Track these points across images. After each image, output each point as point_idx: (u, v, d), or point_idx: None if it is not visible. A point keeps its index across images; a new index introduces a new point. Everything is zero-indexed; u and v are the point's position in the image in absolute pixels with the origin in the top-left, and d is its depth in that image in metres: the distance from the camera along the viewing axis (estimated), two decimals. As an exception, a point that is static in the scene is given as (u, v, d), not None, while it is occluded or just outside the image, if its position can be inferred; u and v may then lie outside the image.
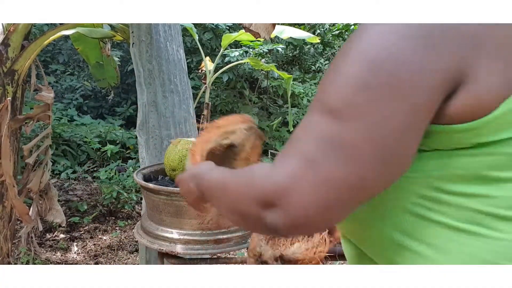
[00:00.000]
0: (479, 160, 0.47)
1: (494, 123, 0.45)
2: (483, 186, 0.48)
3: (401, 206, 0.50)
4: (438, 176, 0.48)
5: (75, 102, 6.07)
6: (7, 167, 1.86)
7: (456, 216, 0.48)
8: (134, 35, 2.03)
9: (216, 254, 1.17)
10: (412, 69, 0.43)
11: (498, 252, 0.47)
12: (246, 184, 0.51)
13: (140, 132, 2.05)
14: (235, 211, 0.54)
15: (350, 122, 0.44)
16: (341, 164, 0.44)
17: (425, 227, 0.50)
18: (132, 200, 3.68)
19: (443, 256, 0.49)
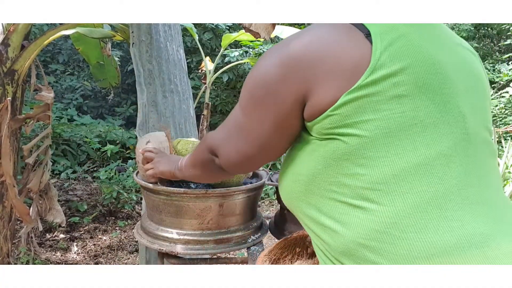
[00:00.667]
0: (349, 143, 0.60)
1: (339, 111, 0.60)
2: (359, 166, 0.60)
3: (321, 192, 0.65)
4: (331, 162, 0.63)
5: (75, 102, 6.07)
6: (7, 167, 1.86)
7: (350, 194, 0.61)
8: (134, 35, 2.03)
9: (216, 254, 1.17)
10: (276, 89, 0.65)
11: (383, 222, 0.58)
12: (204, 141, 0.84)
13: (140, 132, 2.05)
14: (200, 160, 0.87)
15: (244, 117, 0.71)
16: (240, 141, 0.73)
17: (335, 207, 0.63)
18: (132, 200, 3.68)
19: (345, 229, 0.61)
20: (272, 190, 4.31)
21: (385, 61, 0.59)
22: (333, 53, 0.61)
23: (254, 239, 1.20)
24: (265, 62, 0.67)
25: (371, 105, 0.59)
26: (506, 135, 5.52)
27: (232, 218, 1.17)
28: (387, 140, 0.59)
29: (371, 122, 0.59)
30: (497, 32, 8.30)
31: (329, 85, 0.61)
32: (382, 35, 0.61)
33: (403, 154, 0.59)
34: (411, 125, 0.59)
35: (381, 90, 0.59)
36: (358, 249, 0.60)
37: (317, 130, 0.64)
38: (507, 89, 6.48)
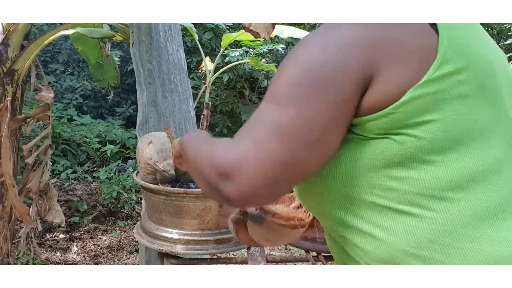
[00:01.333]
0: (405, 145, 0.54)
1: (403, 109, 0.53)
2: (413, 170, 0.54)
3: (353, 195, 0.58)
4: (378, 164, 0.56)
5: (75, 102, 6.07)
6: (7, 167, 1.86)
7: (397, 200, 0.55)
8: (134, 35, 2.03)
9: (216, 254, 1.17)
10: (330, 73, 0.54)
11: (436, 230, 0.54)
12: (209, 156, 0.59)
13: (140, 132, 2.05)
14: (200, 178, 0.63)
15: (288, 111, 0.54)
16: (278, 145, 0.53)
17: (377, 212, 0.57)
18: (132, 200, 3.68)
19: (392, 236, 0.56)
20: (272, 190, 4.30)
21: (451, 56, 0.54)
22: (401, 34, 0.55)
23: (254, 239, 1.20)
24: (315, 43, 0.57)
25: (436, 104, 0.53)
26: None
27: (232, 218, 1.17)
28: (446, 143, 0.54)
29: (433, 123, 0.53)
30: (498, 32, 8.30)
31: (396, 72, 0.54)
32: (447, 27, 0.56)
33: (460, 160, 0.54)
34: (471, 129, 0.55)
35: (447, 88, 0.53)
36: (404, 258, 0.55)
37: (366, 128, 0.56)
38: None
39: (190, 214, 1.12)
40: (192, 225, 1.13)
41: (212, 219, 1.14)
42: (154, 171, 1.19)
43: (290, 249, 3.11)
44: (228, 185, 0.55)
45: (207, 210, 1.12)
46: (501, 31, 8.14)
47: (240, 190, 0.54)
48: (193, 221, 1.13)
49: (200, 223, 1.13)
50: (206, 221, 1.13)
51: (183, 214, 1.13)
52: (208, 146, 0.63)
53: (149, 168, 1.19)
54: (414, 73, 0.53)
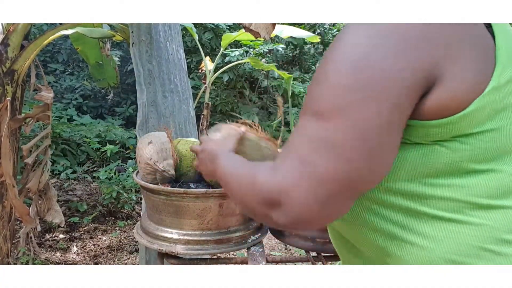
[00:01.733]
0: (457, 153, 0.52)
1: (468, 119, 0.50)
2: (462, 178, 0.53)
3: (392, 201, 0.55)
4: (422, 170, 0.53)
5: (75, 102, 6.07)
6: (6, 167, 1.86)
7: (441, 207, 0.53)
8: (134, 35, 2.03)
9: (216, 254, 1.17)
10: (389, 72, 0.48)
11: (479, 237, 0.52)
12: (251, 183, 0.55)
13: (140, 132, 2.05)
14: (244, 205, 0.59)
15: (338, 123, 0.48)
16: (332, 162, 0.48)
17: (415, 219, 0.54)
18: (132, 200, 3.68)
19: (434, 244, 0.54)
20: (272, 190, 4.29)
21: (506, 62, 0.51)
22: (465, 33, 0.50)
23: (254, 239, 1.20)
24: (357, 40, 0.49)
25: (494, 113, 0.51)
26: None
27: (232, 218, 1.17)
28: (497, 153, 0.53)
29: (489, 133, 0.51)
30: (497, 32, 8.29)
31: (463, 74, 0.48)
32: (499, 30, 0.53)
33: (507, 168, 0.54)
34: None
35: (504, 97, 0.51)
36: (444, 263, 0.54)
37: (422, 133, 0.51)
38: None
39: (190, 214, 1.12)
40: (192, 225, 1.13)
41: (212, 219, 1.14)
42: (154, 171, 1.19)
43: (290, 249, 3.11)
44: (279, 213, 0.51)
45: (207, 210, 1.12)
46: (501, 31, 8.13)
47: (292, 217, 0.50)
48: (193, 221, 1.13)
49: (200, 223, 1.13)
50: (206, 221, 1.13)
51: (183, 214, 1.13)
52: (249, 170, 0.59)
53: (149, 168, 1.19)
54: (479, 77, 0.49)
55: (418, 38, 0.48)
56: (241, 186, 0.59)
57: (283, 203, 0.50)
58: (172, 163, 1.21)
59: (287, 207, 0.49)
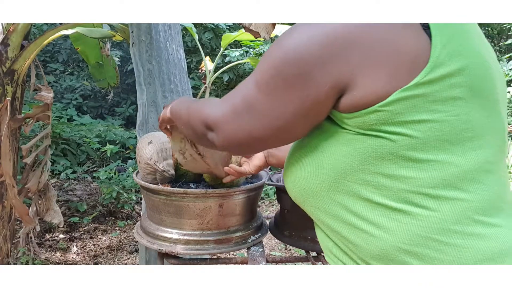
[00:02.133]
0: (396, 142, 0.56)
1: (389, 107, 0.55)
2: (408, 168, 0.57)
3: (352, 191, 0.61)
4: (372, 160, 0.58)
5: (75, 102, 6.07)
6: (6, 167, 1.86)
7: (393, 197, 0.58)
8: (134, 35, 2.03)
9: (216, 254, 1.17)
10: (311, 70, 0.57)
11: (427, 227, 0.56)
12: (199, 110, 0.74)
13: (140, 132, 2.05)
14: (189, 127, 0.79)
15: (263, 96, 0.62)
16: (251, 121, 0.64)
17: (371, 209, 0.59)
18: (132, 200, 3.68)
19: (386, 233, 0.58)
20: (272, 190, 4.31)
21: (445, 59, 0.55)
22: (389, 40, 0.56)
23: (254, 239, 1.20)
24: (300, 36, 0.59)
25: (426, 105, 0.55)
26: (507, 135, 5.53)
27: (232, 218, 1.17)
28: (439, 143, 0.56)
29: (424, 123, 0.55)
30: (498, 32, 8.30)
31: (380, 75, 0.55)
32: (441, 29, 0.57)
33: (453, 159, 0.57)
34: (463, 129, 0.57)
35: (438, 90, 0.55)
36: (398, 254, 0.58)
37: (355, 124, 0.59)
38: (508, 89, 6.49)
39: (190, 214, 1.12)
40: (192, 225, 1.13)
41: (212, 219, 1.14)
42: (154, 171, 1.19)
43: (290, 249, 3.11)
44: (212, 134, 0.70)
45: (207, 210, 1.12)
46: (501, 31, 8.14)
47: (220, 141, 0.69)
48: (193, 221, 1.13)
49: (200, 223, 1.13)
50: (206, 221, 1.13)
51: (183, 214, 1.13)
52: (200, 104, 0.77)
53: (149, 168, 1.19)
54: (402, 77, 0.55)
55: (341, 42, 0.56)
56: (193, 114, 0.78)
57: (215, 129, 0.69)
58: (172, 163, 1.21)
59: (217, 133, 0.69)
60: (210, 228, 1.14)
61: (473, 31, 0.62)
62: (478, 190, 0.57)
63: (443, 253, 0.55)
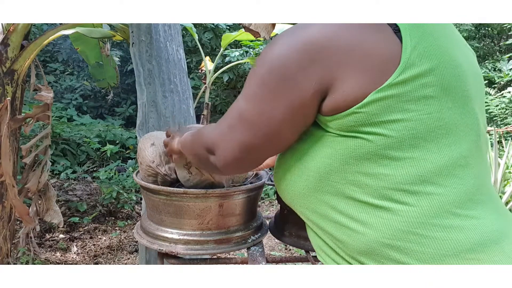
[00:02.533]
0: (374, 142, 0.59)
1: (366, 109, 0.58)
2: (386, 166, 0.59)
3: (336, 191, 0.64)
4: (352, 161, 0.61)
5: (75, 102, 6.07)
6: (6, 167, 1.86)
7: (373, 194, 0.60)
8: (134, 35, 2.03)
9: (216, 254, 1.17)
10: (293, 76, 0.61)
11: (409, 222, 0.58)
12: (200, 136, 0.80)
13: (140, 132, 2.05)
14: (195, 154, 0.84)
15: (252, 105, 0.65)
16: (244, 132, 0.67)
17: (355, 206, 0.62)
18: (132, 200, 3.68)
19: (370, 229, 0.60)
20: (272, 190, 4.31)
21: (415, 60, 0.58)
22: (363, 44, 0.59)
23: (254, 239, 1.20)
24: (280, 46, 0.62)
25: (399, 105, 0.58)
26: (507, 135, 5.53)
27: (232, 218, 1.17)
28: (414, 141, 0.59)
29: (398, 122, 0.58)
30: (498, 32, 8.30)
31: (356, 79, 0.58)
32: (411, 32, 0.59)
33: (428, 156, 0.59)
34: (437, 126, 0.59)
35: (410, 90, 0.58)
36: (382, 249, 0.60)
37: (336, 126, 0.62)
38: (508, 89, 6.48)
39: (190, 214, 1.12)
40: (192, 225, 1.13)
41: (212, 219, 1.14)
42: (156, 174, 1.19)
43: (290, 249, 3.11)
44: (213, 158, 0.73)
45: (207, 210, 1.12)
46: (501, 31, 8.14)
47: (220, 162, 0.72)
48: (193, 221, 1.13)
49: (200, 223, 1.13)
50: (206, 221, 1.13)
51: (183, 214, 1.13)
52: (201, 130, 0.82)
53: (151, 170, 1.19)
54: (375, 79, 0.58)
55: (317, 56, 0.59)
56: (194, 141, 0.84)
57: (215, 150, 0.72)
58: (174, 166, 1.20)
59: (217, 153, 0.71)
60: (210, 228, 1.14)
61: (444, 31, 0.64)
62: (454, 184, 0.59)
63: (424, 245, 0.57)
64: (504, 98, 6.42)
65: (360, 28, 0.59)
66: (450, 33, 0.66)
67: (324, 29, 0.59)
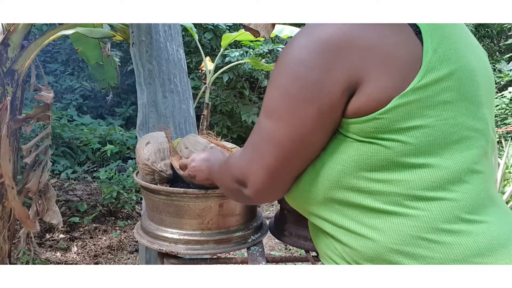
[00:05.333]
0: (391, 149, 0.57)
1: (389, 114, 0.56)
2: (400, 172, 0.58)
3: (344, 199, 0.62)
4: (366, 167, 0.59)
5: (75, 102, 6.07)
6: (6, 167, 1.85)
7: (385, 200, 0.59)
8: (134, 35, 2.03)
9: (216, 254, 1.17)
10: (319, 79, 0.57)
11: (417, 227, 0.58)
12: (228, 169, 0.74)
13: (140, 132, 2.05)
14: (226, 188, 0.78)
15: (278, 122, 0.61)
16: (274, 152, 0.62)
17: (364, 212, 0.61)
18: (132, 200, 3.68)
19: (381, 235, 0.59)
20: (272, 190, 4.29)
21: (435, 64, 0.57)
22: (385, 44, 0.56)
23: (254, 239, 1.20)
24: (300, 50, 0.58)
25: (419, 110, 0.56)
26: (507, 135, 5.53)
27: (232, 218, 1.17)
28: (430, 148, 0.58)
29: (417, 128, 0.57)
30: (498, 32, 8.30)
31: (380, 80, 0.56)
32: (432, 34, 0.58)
33: (442, 162, 0.58)
34: (451, 133, 0.59)
35: (430, 95, 0.56)
36: (390, 254, 0.59)
37: (354, 130, 0.59)
38: (509, 89, 6.49)
39: (190, 214, 1.12)
40: (192, 225, 1.13)
41: (212, 219, 1.14)
42: (152, 171, 1.19)
43: (290, 249, 3.11)
44: (245, 189, 0.68)
45: (207, 210, 1.12)
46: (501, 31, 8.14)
47: (253, 192, 0.66)
48: (193, 221, 1.13)
49: (200, 223, 1.13)
50: (206, 221, 1.13)
51: (183, 214, 1.13)
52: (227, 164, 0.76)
53: (147, 168, 1.19)
54: (400, 81, 0.56)
55: (344, 49, 0.56)
56: (222, 174, 0.78)
57: (246, 182, 0.66)
58: (169, 163, 1.20)
59: (249, 185, 0.66)
60: (210, 228, 1.14)
61: (460, 32, 0.63)
62: (465, 190, 0.59)
63: (433, 251, 0.57)
64: (504, 98, 6.43)
65: (381, 28, 0.57)
66: (465, 34, 0.65)
67: (343, 27, 0.57)
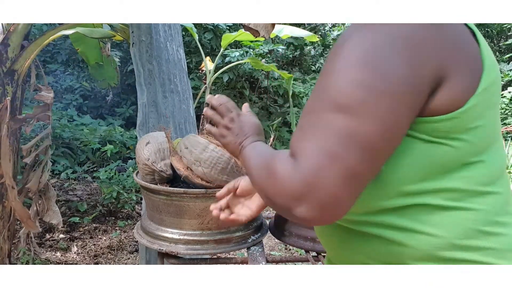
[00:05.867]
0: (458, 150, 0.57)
1: (466, 114, 0.56)
2: (462, 170, 0.58)
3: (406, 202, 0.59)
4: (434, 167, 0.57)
5: (75, 102, 6.07)
6: (6, 167, 1.85)
7: (448, 197, 0.58)
8: (134, 35, 2.03)
9: (216, 254, 1.17)
10: (408, 75, 0.52)
11: (478, 220, 0.58)
12: (272, 177, 0.55)
13: (140, 132, 2.05)
14: (265, 197, 0.59)
15: (364, 118, 0.51)
16: (359, 156, 0.50)
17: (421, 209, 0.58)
18: (132, 200, 3.68)
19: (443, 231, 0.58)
20: (272, 190, 4.29)
21: (490, 66, 0.59)
22: (463, 41, 0.57)
23: (254, 239, 1.20)
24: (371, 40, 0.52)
25: (483, 110, 0.58)
26: (507, 135, 5.53)
27: (232, 218, 1.17)
28: (484, 145, 0.60)
29: (480, 128, 0.58)
30: (498, 32, 8.30)
31: (462, 78, 0.55)
32: (479, 36, 0.59)
33: (490, 159, 0.61)
34: (494, 132, 0.62)
35: (489, 97, 0.59)
36: (451, 249, 0.59)
37: (425, 130, 0.56)
38: (509, 89, 6.48)
39: (190, 214, 1.12)
40: (192, 225, 1.13)
41: (212, 219, 1.14)
42: (152, 171, 1.19)
43: (290, 249, 3.11)
44: (302, 208, 0.51)
45: (207, 210, 1.12)
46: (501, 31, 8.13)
47: (318, 210, 0.51)
48: (193, 221, 1.13)
49: (200, 223, 1.13)
50: (206, 221, 1.13)
51: (183, 214, 1.13)
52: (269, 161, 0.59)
53: (147, 168, 1.19)
54: (472, 80, 0.56)
55: (423, 44, 0.53)
56: (262, 178, 0.59)
57: (309, 197, 0.50)
58: (170, 163, 1.21)
59: (314, 200, 0.50)
60: (210, 228, 1.14)
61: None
62: (504, 184, 0.63)
63: (489, 242, 0.59)
64: (504, 98, 6.43)
65: (454, 26, 0.57)
66: None
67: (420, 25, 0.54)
